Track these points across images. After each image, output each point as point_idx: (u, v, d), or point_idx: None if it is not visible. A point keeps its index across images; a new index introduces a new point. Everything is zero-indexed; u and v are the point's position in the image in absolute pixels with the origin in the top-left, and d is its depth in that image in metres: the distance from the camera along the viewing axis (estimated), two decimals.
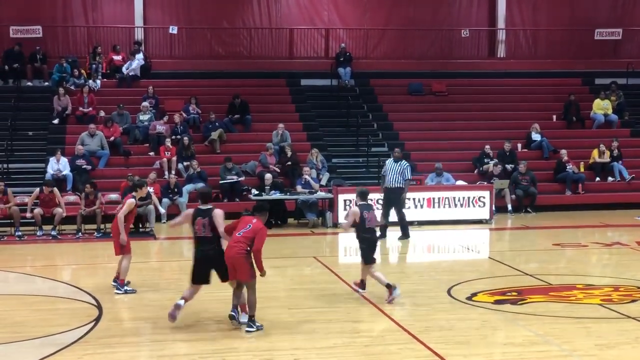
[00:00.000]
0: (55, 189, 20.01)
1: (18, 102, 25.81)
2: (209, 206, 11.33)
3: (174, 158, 23.27)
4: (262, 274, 11.19)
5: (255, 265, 11.09)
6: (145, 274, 15.54)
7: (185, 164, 23.21)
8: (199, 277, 11.38)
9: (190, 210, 11.53)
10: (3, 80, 27.11)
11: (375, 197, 19.60)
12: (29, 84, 27.25)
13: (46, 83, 27.05)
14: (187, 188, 22.45)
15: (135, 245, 18.12)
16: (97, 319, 11.94)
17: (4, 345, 10.77)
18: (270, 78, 28.17)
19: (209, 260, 11.26)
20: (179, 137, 24.07)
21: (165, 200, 21.77)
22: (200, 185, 22.61)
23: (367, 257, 13.09)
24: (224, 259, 11.07)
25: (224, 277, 11.30)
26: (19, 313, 12.48)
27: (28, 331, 11.36)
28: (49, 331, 11.32)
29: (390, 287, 12.78)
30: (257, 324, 11.21)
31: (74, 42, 28.79)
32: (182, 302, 11.31)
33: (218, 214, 11.21)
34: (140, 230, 20.48)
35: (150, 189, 21.06)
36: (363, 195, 13.05)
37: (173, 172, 22.91)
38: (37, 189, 19.92)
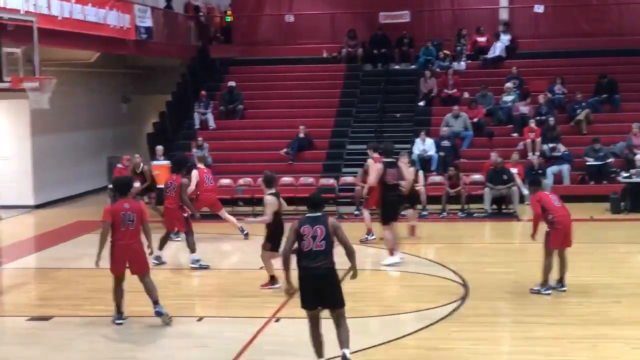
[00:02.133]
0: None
1: (386, 85, 26.88)
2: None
3: (538, 139, 22.93)
4: None
5: None
6: (508, 255, 15.54)
7: (550, 145, 22.78)
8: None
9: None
10: (372, 65, 28.36)
11: None
12: (397, 67, 28.25)
13: (413, 66, 27.87)
14: (552, 170, 22.05)
15: (498, 227, 18.14)
16: (464, 297, 12.17)
17: (378, 317, 11.35)
18: None
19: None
20: (543, 117, 23.68)
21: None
22: (565, 167, 22.16)
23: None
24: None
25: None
26: (391, 288, 13.07)
27: (400, 305, 11.87)
28: (419, 307, 11.74)
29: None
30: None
31: (439, 25, 29.34)
32: None
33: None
34: (504, 211, 20.47)
35: (514, 170, 21.00)
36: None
37: (537, 153, 22.58)
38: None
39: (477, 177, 21.11)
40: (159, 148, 22.19)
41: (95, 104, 26.18)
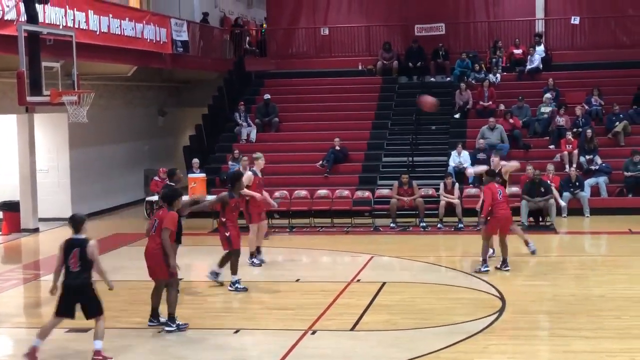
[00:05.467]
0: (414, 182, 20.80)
1: None
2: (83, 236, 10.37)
3: (575, 151, 22.77)
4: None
5: None
6: (545, 267, 15.42)
7: (587, 157, 22.62)
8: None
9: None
10: (408, 77, 28.35)
11: None
12: (432, 79, 28.22)
13: (448, 78, 27.83)
14: (589, 182, 21.88)
15: (535, 239, 17.99)
16: (501, 311, 12.10)
17: (414, 330, 11.31)
18: None
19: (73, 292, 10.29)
20: (580, 129, 23.53)
21: (565, 194, 21.39)
22: (602, 179, 21.97)
23: None
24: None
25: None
26: (426, 301, 13.02)
27: (435, 319, 11.82)
28: (455, 319, 11.69)
29: None
30: None
31: (474, 38, 29.29)
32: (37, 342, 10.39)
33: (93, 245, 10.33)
34: (541, 224, 20.33)
35: (550, 182, 20.88)
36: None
37: (574, 165, 22.43)
38: (396, 182, 20.77)
39: (514, 189, 20.96)
40: (195, 161, 22.34)
41: (132, 117, 26.39)
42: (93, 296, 10.26)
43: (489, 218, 14.82)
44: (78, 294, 10.20)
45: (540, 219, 20.44)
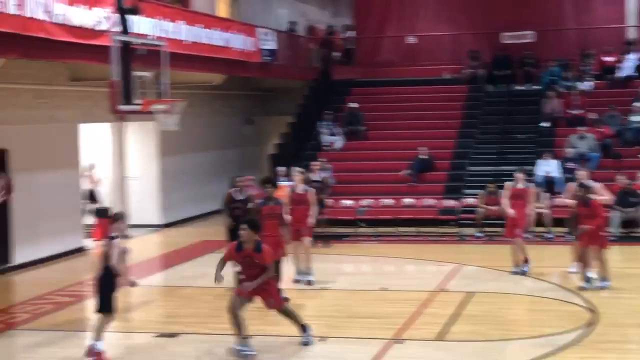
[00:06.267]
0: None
1: (509, 106, 26.53)
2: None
3: None
4: None
5: None
6: (636, 280, 15.06)
7: None
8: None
9: None
10: (494, 85, 28.06)
11: None
12: (520, 88, 27.86)
13: (536, 87, 27.43)
14: None
15: (627, 251, 17.63)
16: (592, 323, 11.85)
17: (501, 341, 11.17)
18: None
19: None
20: None
21: None
22: None
23: None
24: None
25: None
26: (514, 312, 12.86)
27: (523, 330, 11.66)
28: (543, 332, 11.50)
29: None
30: None
31: (564, 45, 28.83)
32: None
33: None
34: (632, 234, 19.88)
35: None
36: None
37: None
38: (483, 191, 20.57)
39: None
40: (281, 169, 22.48)
41: (219, 125, 26.76)
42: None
43: (603, 234, 14.48)
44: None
45: (633, 230, 20.00)
